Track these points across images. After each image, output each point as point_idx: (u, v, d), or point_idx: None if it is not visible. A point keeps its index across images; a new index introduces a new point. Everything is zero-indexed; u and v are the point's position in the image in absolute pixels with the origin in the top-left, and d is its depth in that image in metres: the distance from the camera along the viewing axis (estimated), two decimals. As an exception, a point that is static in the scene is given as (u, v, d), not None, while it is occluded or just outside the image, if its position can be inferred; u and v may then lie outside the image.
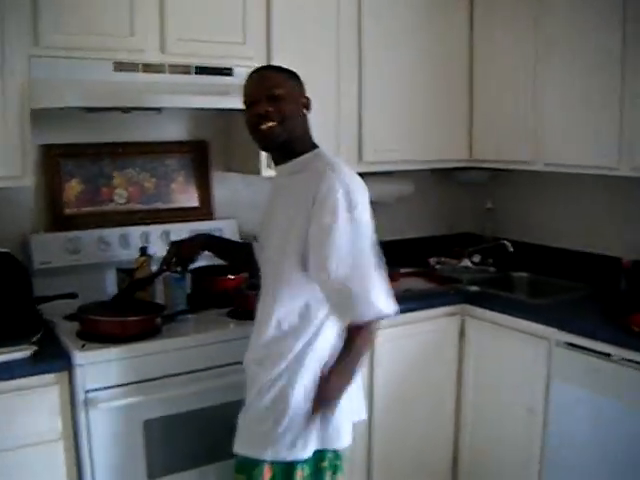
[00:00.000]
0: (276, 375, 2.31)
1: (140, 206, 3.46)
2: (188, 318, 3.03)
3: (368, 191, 2.31)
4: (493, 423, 3.50)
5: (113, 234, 3.29)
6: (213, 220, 3.61)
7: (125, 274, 3.15)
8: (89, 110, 3.14)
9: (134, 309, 2.87)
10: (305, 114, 2.41)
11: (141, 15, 2.97)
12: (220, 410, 2.77)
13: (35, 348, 2.57)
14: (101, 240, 3.25)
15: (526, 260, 4.08)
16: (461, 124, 4.02)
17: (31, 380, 2.51)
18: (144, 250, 3.15)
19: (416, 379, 3.48)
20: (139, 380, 2.68)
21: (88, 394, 2.58)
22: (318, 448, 2.35)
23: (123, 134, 3.43)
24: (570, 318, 3.20)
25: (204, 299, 3.19)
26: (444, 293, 3.68)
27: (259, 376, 2.35)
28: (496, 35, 3.86)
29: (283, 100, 2.31)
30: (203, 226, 3.41)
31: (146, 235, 3.35)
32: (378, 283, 2.25)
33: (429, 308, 3.49)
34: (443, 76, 3.91)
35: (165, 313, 2.91)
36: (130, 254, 3.21)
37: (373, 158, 3.66)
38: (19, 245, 3.14)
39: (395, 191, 4.07)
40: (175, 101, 3.08)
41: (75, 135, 3.31)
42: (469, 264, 4.14)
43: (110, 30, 2.91)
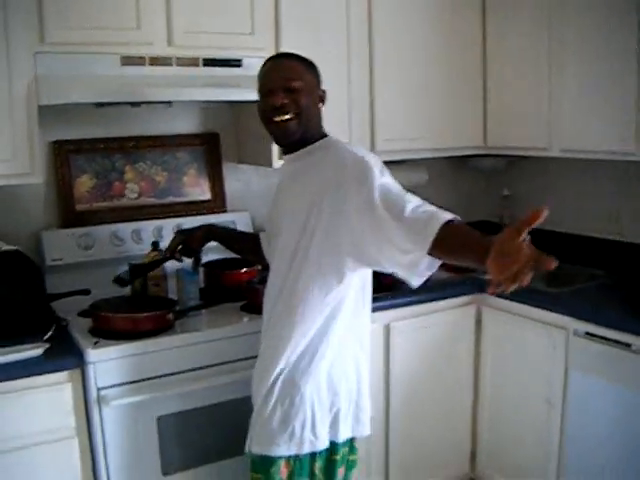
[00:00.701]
0: (283, 368, 2.28)
1: (152, 200, 3.44)
2: (201, 313, 3.01)
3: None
4: (511, 415, 3.46)
5: (125, 229, 3.27)
6: (226, 213, 3.60)
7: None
8: (98, 105, 3.12)
9: (147, 305, 2.87)
10: (320, 107, 2.36)
11: (147, 8, 2.94)
12: (234, 405, 2.76)
13: (47, 346, 2.56)
14: (113, 235, 3.24)
15: (543, 247, 3.95)
16: (475, 111, 3.96)
17: (44, 378, 2.51)
18: (156, 245, 3.13)
19: (432, 370, 3.45)
20: (152, 376, 2.66)
21: (101, 391, 2.57)
22: (332, 439, 2.33)
23: (133, 128, 3.41)
24: (589, 307, 3.15)
25: (217, 293, 3.18)
26: (460, 282, 3.62)
27: (267, 373, 2.31)
28: (510, 20, 3.79)
29: (300, 93, 2.25)
30: (216, 219, 3.38)
31: (159, 229, 3.33)
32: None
33: (444, 298, 3.45)
34: (456, 62, 3.85)
35: (178, 308, 2.89)
36: (143, 249, 3.20)
37: (386, 147, 3.62)
38: (31, 242, 3.14)
39: (409, 180, 3.99)
40: (184, 94, 3.06)
41: (85, 130, 3.30)
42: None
43: (116, 24, 2.89)
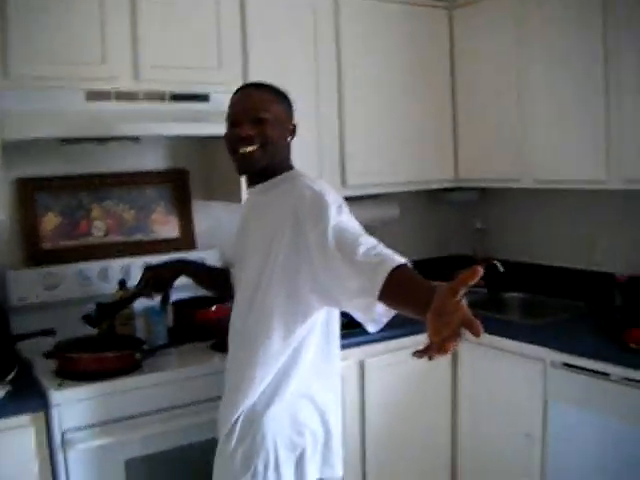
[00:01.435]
0: (245, 407, 2.20)
1: (120, 238, 3.38)
2: (170, 352, 2.94)
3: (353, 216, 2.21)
4: (491, 450, 3.40)
5: (92, 268, 3.20)
6: (195, 250, 3.53)
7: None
8: (64, 142, 3.06)
9: (114, 344, 2.79)
10: (289, 141, 2.31)
11: (113, 42, 2.91)
12: (204, 447, 2.63)
13: (9, 388, 2.48)
14: (80, 274, 3.16)
15: (518, 280, 4.01)
16: (446, 143, 3.96)
17: (5, 422, 2.42)
18: (123, 283, 3.06)
19: (409, 406, 3.39)
20: (119, 418, 2.58)
21: (65, 434, 2.48)
22: None
23: (100, 165, 3.35)
24: (565, 338, 3.12)
25: (186, 332, 3.11)
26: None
27: (228, 414, 2.23)
28: (478, 52, 3.81)
29: (267, 124, 2.20)
30: (185, 256, 3.30)
31: (126, 268, 3.25)
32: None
33: (418, 333, 3.38)
34: (426, 96, 3.86)
35: (145, 348, 2.81)
36: (110, 288, 3.13)
37: (356, 181, 3.59)
38: (-5, 281, 3.06)
39: (381, 215, 3.99)
40: (151, 129, 3.00)
41: (50, 168, 3.24)
42: (459, 287, 4.03)
43: (81, 58, 2.86)
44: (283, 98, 2.31)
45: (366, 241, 1.98)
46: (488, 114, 3.78)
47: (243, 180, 3.13)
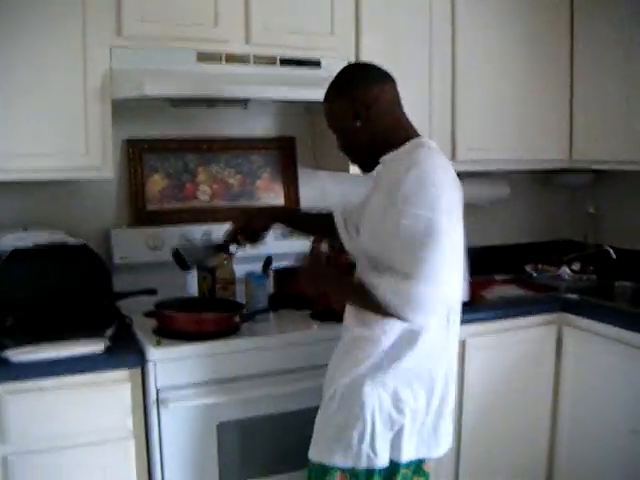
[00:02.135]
0: (353, 377, 2.15)
1: (224, 203, 3.36)
2: (269, 318, 2.93)
3: (462, 192, 2.15)
4: (592, 443, 3.24)
5: (195, 231, 3.19)
6: (299, 218, 3.49)
7: (206, 272, 3.06)
8: (173, 104, 3.07)
9: (213, 307, 2.80)
10: (364, 122, 2.19)
11: (226, 5, 2.90)
12: (299, 416, 2.63)
13: (109, 343, 2.50)
14: (183, 237, 3.15)
15: (630, 268, 3.81)
16: (561, 122, 3.79)
17: (103, 375, 2.45)
18: (226, 248, 3.05)
19: (509, 391, 3.27)
20: (214, 380, 2.57)
21: (160, 393, 2.49)
22: (394, 459, 2.20)
23: (208, 129, 3.36)
24: (680, 329, 2.95)
25: (286, 300, 3.07)
26: (540, 300, 3.46)
27: (335, 376, 2.21)
28: (599, 27, 3.63)
29: (336, 132, 2.27)
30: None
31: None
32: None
33: (524, 315, 3.28)
34: (543, 72, 3.70)
35: (245, 311, 2.80)
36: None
37: (466, 157, 3.48)
38: (100, 239, 3.11)
39: (490, 193, 3.87)
40: (261, 92, 2.98)
41: (159, 129, 3.26)
42: (568, 272, 3.89)
43: (194, 20, 2.86)
44: (336, 95, 2.24)
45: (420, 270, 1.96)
46: (607, 94, 3.60)
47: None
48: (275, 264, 3.16)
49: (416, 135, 2.22)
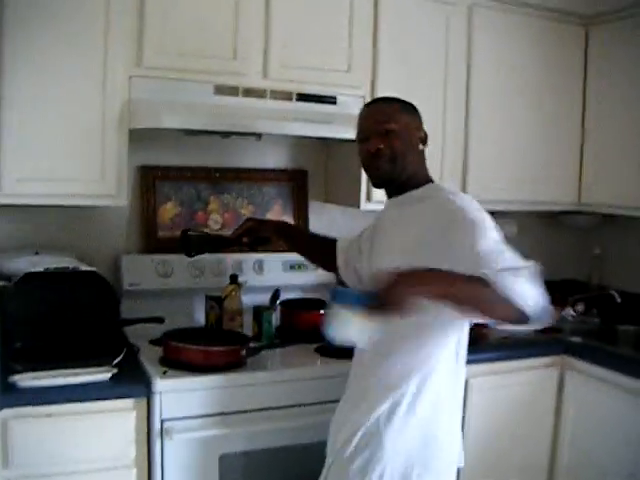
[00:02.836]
0: (370, 418, 2.15)
1: (235, 233, 3.39)
2: (275, 352, 2.94)
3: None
4: (590, 487, 3.25)
5: (205, 260, 3.21)
6: (307, 251, 3.51)
7: (214, 302, 3.09)
8: (188, 133, 3.10)
9: (220, 339, 2.82)
10: (421, 149, 2.26)
11: (245, 39, 2.94)
12: (301, 450, 2.66)
13: (115, 371, 2.52)
14: (192, 265, 3.18)
15: (634, 312, 3.81)
16: (571, 165, 3.83)
17: (109, 404, 2.47)
18: (234, 278, 3.08)
19: (510, 432, 3.27)
20: (219, 412, 2.59)
21: (165, 423, 2.50)
22: None
23: (221, 159, 3.40)
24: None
25: (293, 333, 3.11)
26: (543, 342, 3.46)
27: (348, 419, 2.21)
28: (613, 72, 3.67)
29: (395, 136, 2.18)
30: (298, 257, 3.29)
31: (238, 263, 3.28)
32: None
33: (527, 357, 3.29)
34: (554, 114, 3.74)
35: (251, 345, 2.81)
36: (221, 281, 3.16)
37: (476, 196, 3.48)
38: (110, 265, 3.14)
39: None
40: (276, 127, 2.99)
41: (173, 158, 3.30)
42: (572, 313, 3.90)
43: (213, 53, 2.90)
44: (410, 108, 2.27)
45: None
46: (618, 138, 3.63)
47: (363, 185, 3.16)
48: (283, 296, 3.18)
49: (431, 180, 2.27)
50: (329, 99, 3.10)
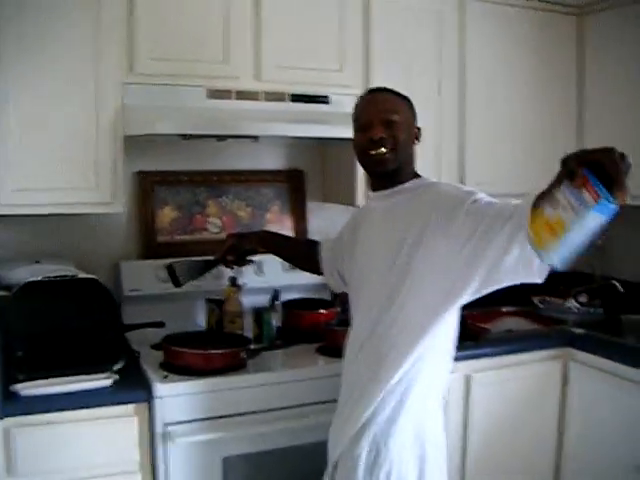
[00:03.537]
0: (368, 418, 2.14)
1: (233, 235, 3.40)
2: (276, 353, 2.95)
3: None
4: (596, 479, 3.23)
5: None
6: (306, 250, 3.52)
7: (214, 304, 3.10)
8: (184, 137, 3.11)
9: (221, 341, 2.82)
10: (414, 144, 2.27)
11: (236, 42, 2.95)
12: (304, 451, 2.66)
13: (117, 377, 2.53)
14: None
15: (638, 302, 3.81)
16: (569, 157, 3.80)
17: (111, 410, 2.48)
18: (233, 280, 3.09)
19: (514, 426, 3.26)
20: (220, 415, 2.59)
21: (167, 427, 2.51)
22: None
23: (218, 162, 3.40)
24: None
25: (294, 333, 3.12)
26: (546, 335, 3.46)
27: (351, 420, 2.19)
28: (608, 62, 3.66)
29: (398, 127, 2.17)
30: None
31: (238, 265, 3.28)
32: None
33: (530, 350, 3.28)
34: (550, 105, 3.74)
35: (252, 347, 2.82)
36: (221, 284, 3.16)
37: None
38: (110, 271, 3.15)
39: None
40: (270, 129, 3.00)
41: (170, 162, 3.31)
42: (575, 304, 3.90)
43: (204, 57, 2.92)
44: (408, 101, 2.27)
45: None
46: (615, 128, 3.61)
47: (359, 184, 3.16)
48: (284, 297, 3.20)
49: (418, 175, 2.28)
50: (322, 99, 3.11)
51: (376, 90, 2.36)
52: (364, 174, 2.55)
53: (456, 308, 2.11)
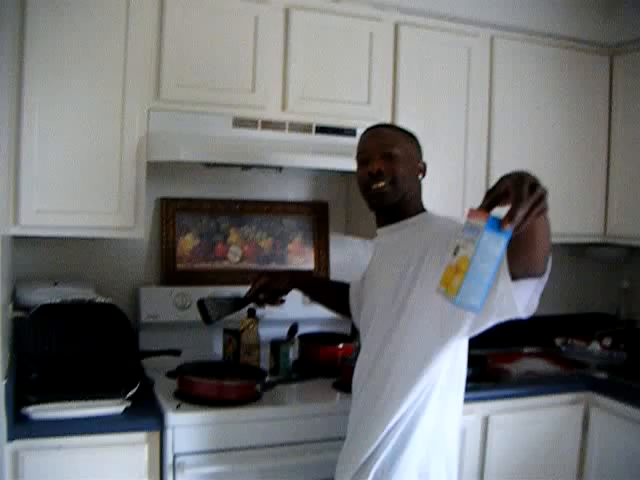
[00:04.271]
0: (372, 455, 2.10)
1: (254, 265, 3.38)
2: (291, 386, 2.91)
3: None
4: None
5: (224, 292, 3.19)
6: (328, 284, 3.49)
7: (232, 335, 3.08)
8: (208, 165, 3.11)
9: (236, 373, 2.79)
10: (419, 179, 2.26)
11: (264, 71, 2.96)
12: (316, 486, 2.61)
13: (129, 404, 2.51)
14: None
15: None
16: (596, 197, 3.78)
17: (121, 437, 2.46)
18: (252, 312, 3.06)
19: (531, 471, 3.19)
20: (232, 448, 2.55)
21: (177, 458, 2.47)
22: None
23: (241, 191, 3.40)
24: None
25: (310, 367, 3.08)
26: (568, 378, 3.40)
27: (355, 455, 2.14)
28: (637, 101, 3.63)
29: (398, 160, 2.17)
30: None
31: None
32: None
33: (551, 393, 3.22)
34: (579, 143, 3.71)
35: (267, 380, 2.78)
36: (240, 315, 3.11)
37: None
38: (129, 297, 3.14)
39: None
40: (295, 160, 3.00)
41: (193, 190, 3.31)
42: (598, 347, 3.83)
43: (231, 85, 2.92)
44: (410, 136, 2.27)
45: None
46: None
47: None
48: (301, 330, 3.16)
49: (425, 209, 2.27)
50: (348, 131, 3.09)
51: (378, 125, 2.37)
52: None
53: (454, 345, 2.04)
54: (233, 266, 3.34)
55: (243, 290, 3.00)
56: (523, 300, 1.80)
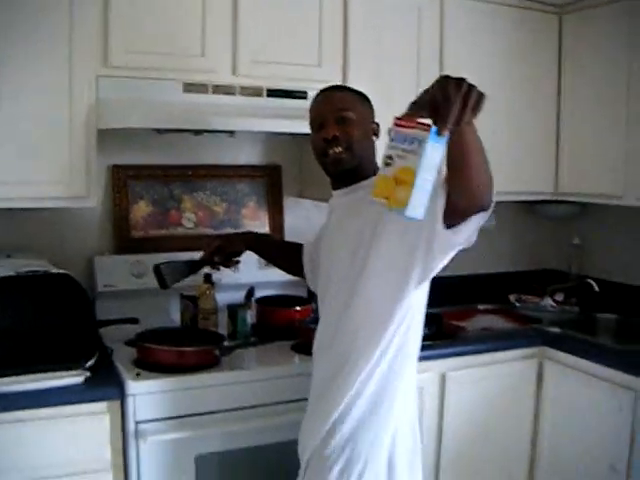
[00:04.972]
0: (339, 419, 2.12)
1: (209, 231, 3.36)
2: (250, 350, 2.92)
3: None
4: (570, 478, 3.24)
5: (180, 258, 3.18)
6: (283, 246, 3.49)
7: (189, 301, 3.08)
8: (159, 131, 3.07)
9: (194, 339, 2.80)
10: (373, 140, 2.26)
11: (213, 35, 2.92)
12: (277, 448, 2.63)
13: (88, 374, 2.50)
14: (167, 264, 3.16)
15: (614, 301, 3.82)
16: (547, 154, 3.82)
17: (82, 407, 2.44)
18: (208, 277, 3.06)
19: (488, 425, 3.26)
20: (193, 413, 2.56)
21: (139, 425, 2.48)
22: None
23: (194, 156, 3.37)
24: (661, 367, 2.95)
25: (269, 330, 3.09)
26: (522, 333, 3.47)
27: (321, 419, 2.17)
28: (588, 61, 3.67)
29: (352, 124, 2.16)
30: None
31: (214, 261, 3.25)
32: None
33: (505, 349, 3.28)
34: (529, 103, 3.74)
35: (225, 344, 2.79)
36: (196, 280, 3.10)
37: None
38: (84, 267, 3.10)
39: (476, 224, 3.88)
40: (247, 124, 2.99)
41: (145, 156, 3.27)
42: (551, 303, 3.91)
43: (181, 50, 2.88)
44: (363, 97, 2.27)
45: None
46: (593, 127, 3.63)
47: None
48: (258, 293, 3.17)
49: None
50: (300, 94, 3.07)
51: (329, 88, 2.35)
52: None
53: (413, 294, 2.06)
54: (188, 232, 3.32)
55: (199, 256, 3.02)
56: (463, 234, 1.86)
